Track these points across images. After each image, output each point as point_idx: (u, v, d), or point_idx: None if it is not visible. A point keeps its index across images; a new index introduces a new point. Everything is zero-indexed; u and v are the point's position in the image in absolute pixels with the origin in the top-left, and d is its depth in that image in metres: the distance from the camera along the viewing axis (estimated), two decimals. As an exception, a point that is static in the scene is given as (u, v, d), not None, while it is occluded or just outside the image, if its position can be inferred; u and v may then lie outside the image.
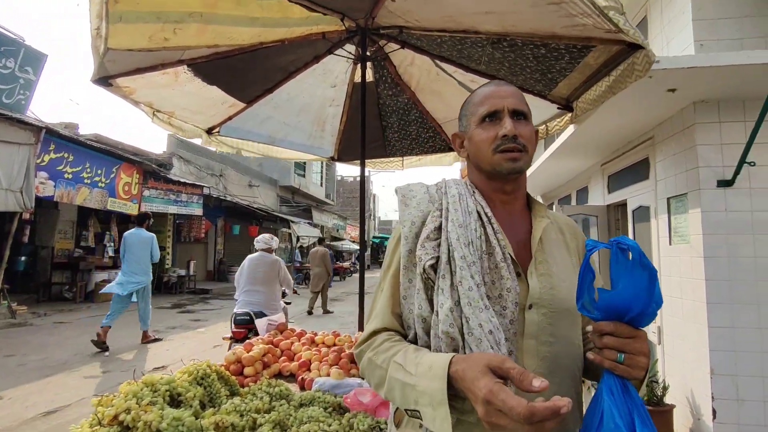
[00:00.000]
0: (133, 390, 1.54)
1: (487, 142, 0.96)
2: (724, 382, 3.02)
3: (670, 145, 3.61)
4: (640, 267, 0.72)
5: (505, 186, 0.98)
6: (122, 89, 2.50)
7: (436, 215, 0.94)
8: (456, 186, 0.99)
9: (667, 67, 2.70)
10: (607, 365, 0.77)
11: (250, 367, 2.23)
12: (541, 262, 0.94)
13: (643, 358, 0.75)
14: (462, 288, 0.84)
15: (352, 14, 2.42)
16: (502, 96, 0.98)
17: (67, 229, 11.47)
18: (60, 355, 5.98)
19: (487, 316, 0.82)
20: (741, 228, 3.11)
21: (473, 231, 0.90)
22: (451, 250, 0.88)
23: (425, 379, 0.76)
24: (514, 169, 0.94)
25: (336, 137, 3.91)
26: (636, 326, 0.76)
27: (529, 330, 0.88)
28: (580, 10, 1.70)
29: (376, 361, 0.89)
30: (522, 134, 0.95)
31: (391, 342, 0.90)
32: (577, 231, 1.08)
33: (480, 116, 0.98)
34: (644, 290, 0.72)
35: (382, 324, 0.94)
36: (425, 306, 0.88)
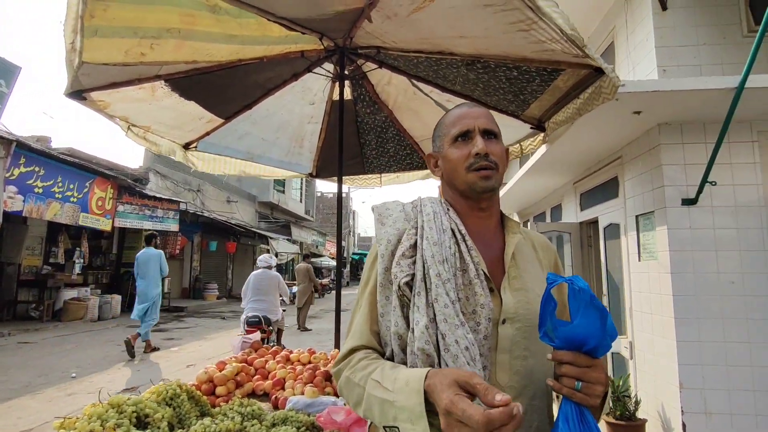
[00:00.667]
0: (97, 412, 1.49)
1: (461, 161, 0.99)
2: (693, 396, 3.10)
3: (637, 164, 3.75)
4: (592, 308, 0.76)
5: (480, 204, 1.01)
6: (97, 103, 2.46)
7: (411, 233, 0.96)
8: (431, 204, 1.01)
9: (632, 90, 2.83)
10: (565, 393, 0.79)
11: (223, 387, 2.18)
12: (514, 277, 0.96)
13: (599, 387, 0.79)
14: (437, 305, 0.86)
15: (331, 34, 2.47)
16: (473, 117, 1.02)
17: (36, 245, 11.06)
18: (23, 377, 5.70)
19: (463, 333, 0.84)
20: (705, 245, 3.24)
21: (447, 248, 0.92)
22: (426, 268, 0.89)
23: (403, 395, 0.76)
24: (487, 187, 0.98)
25: (314, 154, 3.92)
26: (593, 356, 0.79)
27: (503, 345, 0.90)
28: (548, 36, 1.78)
29: (353, 379, 0.89)
30: (493, 152, 0.98)
31: (368, 360, 0.90)
32: (550, 247, 1.11)
33: (453, 136, 1.02)
34: (598, 328, 0.77)
35: (360, 342, 0.95)
36: (401, 323, 0.89)
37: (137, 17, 1.91)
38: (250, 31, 2.25)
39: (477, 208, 1.02)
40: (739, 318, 3.14)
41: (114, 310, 11.66)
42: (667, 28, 3.85)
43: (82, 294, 11.18)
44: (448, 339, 0.83)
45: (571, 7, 4.58)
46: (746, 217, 3.25)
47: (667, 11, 3.92)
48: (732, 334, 3.13)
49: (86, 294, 11.29)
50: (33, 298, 10.62)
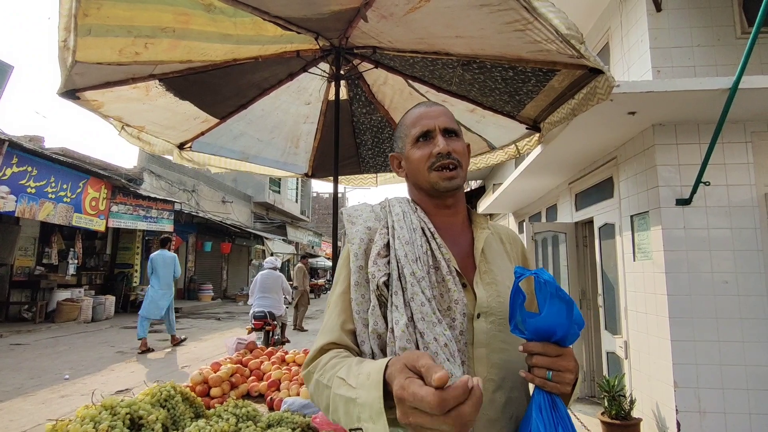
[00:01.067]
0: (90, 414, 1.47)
1: (423, 161, 1.00)
2: (687, 395, 3.12)
3: (632, 165, 3.77)
4: (558, 299, 0.78)
5: (445, 201, 1.02)
6: (90, 103, 2.45)
7: (383, 233, 0.96)
8: (399, 204, 1.02)
9: (627, 91, 2.85)
10: (537, 383, 0.80)
11: (217, 388, 2.17)
12: (485, 272, 0.97)
13: (569, 374, 0.80)
14: (414, 303, 0.86)
15: (327, 34, 2.46)
16: (432, 116, 1.02)
17: (28, 246, 10.96)
18: (15, 379, 5.65)
19: (441, 330, 0.84)
20: (699, 245, 3.26)
21: (419, 247, 0.93)
22: (401, 267, 0.89)
23: (364, 390, 0.70)
24: (450, 186, 0.98)
25: (310, 154, 3.91)
26: (562, 345, 0.80)
27: (479, 339, 0.90)
28: (544, 37, 1.79)
29: (322, 381, 0.84)
30: (455, 150, 0.99)
31: (337, 358, 0.86)
32: (517, 239, 1.13)
33: (414, 137, 1.02)
34: (564, 318, 0.78)
35: (331, 339, 0.91)
36: (380, 322, 0.88)
37: (131, 16, 1.90)
38: (245, 30, 2.24)
39: (443, 205, 1.02)
40: (733, 317, 3.16)
41: (108, 311, 11.57)
42: (661, 29, 3.88)
43: (75, 295, 11.08)
44: (426, 337, 0.83)
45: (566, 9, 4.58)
46: (740, 217, 3.28)
47: (662, 12, 3.94)
48: (726, 334, 3.15)
49: (80, 295, 11.19)
50: (26, 299, 10.52)
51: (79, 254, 11.38)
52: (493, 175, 10.05)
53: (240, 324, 11.36)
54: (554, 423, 0.78)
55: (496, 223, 1.13)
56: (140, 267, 13.63)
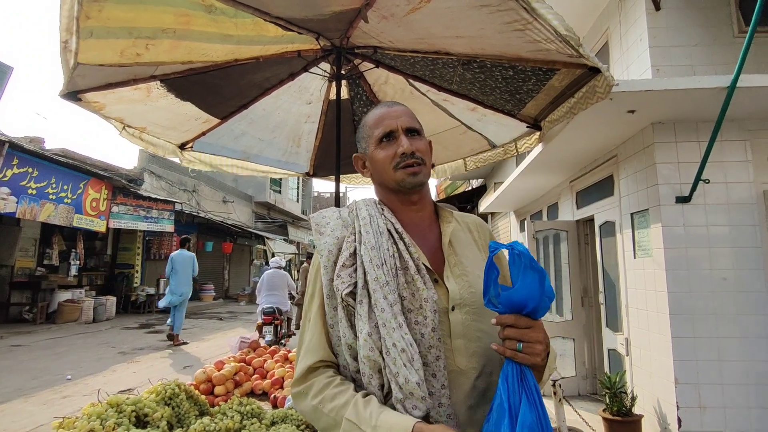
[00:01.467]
0: (96, 411, 1.49)
1: (388, 161, 1.01)
2: (688, 391, 3.13)
3: (632, 163, 3.79)
4: (531, 270, 0.81)
5: (411, 198, 1.04)
6: (92, 104, 2.46)
7: (350, 240, 0.97)
8: (366, 207, 1.04)
9: (626, 90, 2.86)
10: (508, 354, 0.83)
11: (221, 386, 2.18)
12: (455, 264, 0.99)
13: (539, 345, 0.82)
14: (377, 310, 0.88)
15: (327, 34, 2.47)
16: (394, 116, 1.04)
17: (29, 247, 10.97)
18: (15, 380, 5.66)
19: (400, 335, 0.86)
20: (698, 242, 3.27)
21: (386, 250, 0.94)
22: (366, 274, 0.91)
23: None
24: (416, 182, 1.00)
25: (311, 153, 3.92)
26: (533, 318, 0.83)
27: (456, 330, 0.93)
28: (543, 36, 1.80)
29: (322, 410, 0.88)
30: (418, 149, 1.01)
31: (334, 387, 0.89)
32: (484, 227, 1.15)
33: (377, 138, 1.04)
34: (537, 288, 0.81)
35: (318, 357, 0.94)
36: (348, 333, 0.91)
37: (132, 17, 1.91)
38: (246, 31, 2.25)
39: (409, 202, 1.04)
40: (732, 314, 3.18)
41: (109, 312, 11.58)
42: (660, 28, 3.89)
43: (76, 296, 11.08)
44: (387, 343, 0.86)
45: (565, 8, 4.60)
46: (739, 215, 3.29)
47: (661, 12, 3.95)
48: (725, 330, 3.17)
49: (81, 296, 11.20)
50: (26, 300, 10.53)
51: (80, 255, 11.40)
52: (494, 174, 10.06)
53: (242, 323, 11.37)
54: (519, 391, 0.80)
55: (463, 213, 1.15)
56: (141, 267, 13.64)
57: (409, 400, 0.83)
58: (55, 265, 11.10)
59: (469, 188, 12.63)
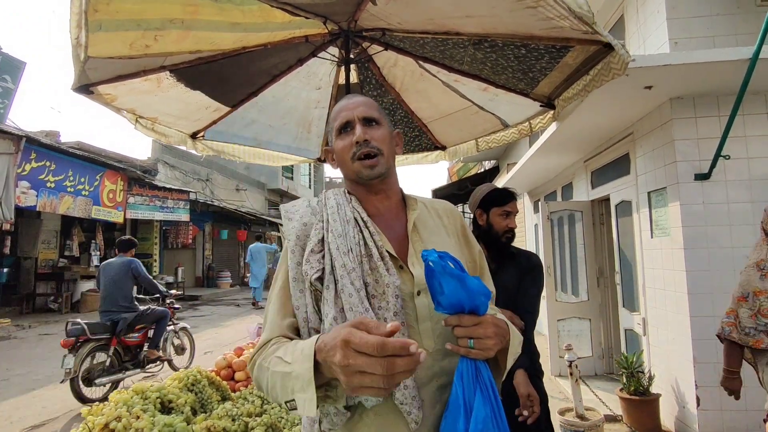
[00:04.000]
0: (123, 398, 1.54)
1: (345, 151, 1.03)
2: (707, 370, 3.11)
3: (649, 140, 3.70)
4: (448, 276, 0.83)
5: (373, 188, 1.05)
6: (104, 97, 2.48)
7: (318, 227, 1.00)
8: (334, 197, 1.06)
9: (643, 65, 2.77)
10: (462, 352, 0.85)
11: (241, 372, 2.24)
12: (419, 250, 1.00)
13: (489, 341, 0.84)
14: (344, 295, 0.90)
15: (335, 17, 2.44)
16: (351, 108, 1.05)
17: (51, 239, 11.26)
18: (46, 368, 5.87)
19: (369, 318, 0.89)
20: (718, 219, 3.20)
21: (352, 238, 0.96)
22: (333, 260, 0.94)
23: (297, 364, 0.76)
24: (371, 175, 1.01)
25: (322, 138, 3.91)
26: (477, 314, 0.85)
27: (422, 314, 0.95)
28: (556, 13, 1.75)
29: (264, 364, 0.88)
30: (374, 137, 1.02)
31: (279, 343, 0.90)
32: (454, 212, 1.16)
33: (336, 129, 1.06)
34: (461, 291, 0.83)
35: (274, 334, 0.96)
36: (314, 318, 0.94)
37: (140, 9, 1.91)
38: (253, 18, 2.23)
39: (373, 191, 1.06)
40: (754, 292, 3.12)
41: (130, 300, 11.88)
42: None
43: (98, 285, 11.39)
44: None
45: (578, -20, 4.45)
46: (761, 190, 3.20)
47: (679, -20, 3.80)
48: (746, 309, 3.11)
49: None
50: (51, 291, 10.86)
51: (100, 246, 11.66)
52: (507, 155, 9.93)
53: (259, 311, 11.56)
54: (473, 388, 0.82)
55: (432, 200, 1.16)
56: (159, 257, 13.91)
57: None
58: (76, 256, 11.38)
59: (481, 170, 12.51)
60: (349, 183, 1.09)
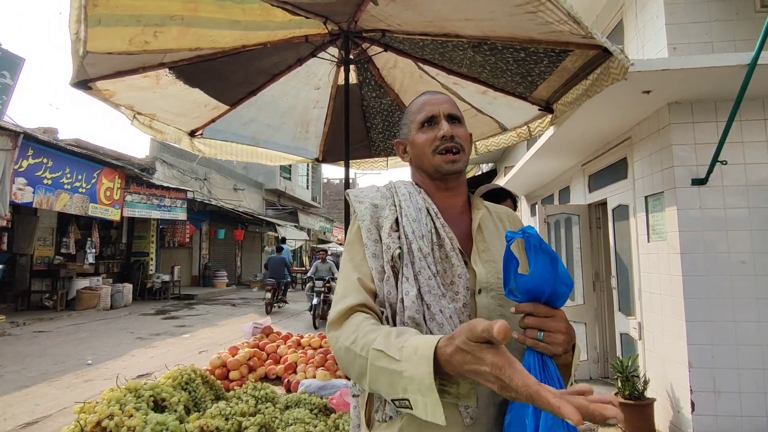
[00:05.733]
0: (116, 396, 1.53)
1: (427, 144, 1.04)
2: (702, 375, 3.11)
3: (646, 145, 3.71)
4: (541, 252, 0.79)
5: (447, 184, 1.07)
6: (102, 92, 2.47)
7: (392, 209, 1.02)
8: (404, 186, 1.07)
9: (641, 69, 2.78)
10: (529, 343, 0.81)
11: (236, 371, 2.22)
12: (483, 250, 1.02)
13: (560, 335, 0.80)
14: (422, 277, 0.92)
15: (335, 18, 2.44)
16: (437, 103, 1.07)
17: (47, 236, 11.20)
18: (40, 365, 5.84)
19: (446, 303, 0.91)
20: (715, 225, 3.21)
21: (424, 225, 0.98)
22: (409, 243, 0.96)
23: (411, 364, 0.72)
24: (452, 170, 1.03)
25: (321, 139, 3.91)
26: (553, 307, 0.81)
27: (481, 313, 0.95)
28: (556, 18, 1.75)
29: (354, 349, 0.83)
30: (458, 135, 1.04)
31: (368, 325, 0.86)
32: (515, 218, 1.16)
33: (419, 122, 1.07)
34: (549, 272, 0.79)
35: (357, 300, 0.92)
36: (393, 292, 0.94)
37: (140, 5, 1.90)
38: (254, 16, 2.23)
39: (444, 188, 1.07)
40: (750, 297, 3.13)
41: (126, 299, 11.84)
42: (677, 4, 3.75)
43: (94, 283, 11.34)
44: (433, 308, 0.89)
45: (578, -15, 4.47)
46: (758, 196, 3.21)
47: (678, -14, 3.81)
48: (742, 314, 3.12)
49: (98, 283, 11.45)
50: (46, 288, 10.80)
51: (96, 243, 11.60)
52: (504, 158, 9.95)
53: (255, 309, 11.54)
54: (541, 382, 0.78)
55: (495, 205, 1.17)
56: (156, 255, 13.86)
57: None
58: (72, 253, 11.33)
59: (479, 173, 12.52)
60: (421, 177, 1.10)
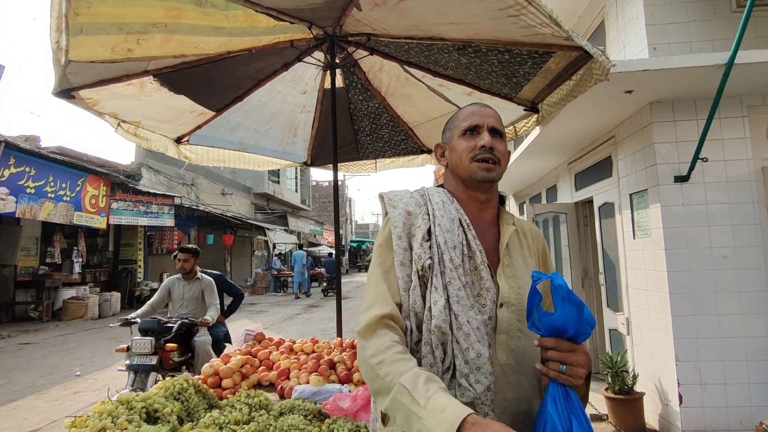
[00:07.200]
0: (107, 409, 1.51)
1: (467, 151, 1.07)
2: (689, 368, 3.17)
3: (630, 143, 3.77)
4: (570, 302, 0.84)
5: (479, 195, 1.08)
6: (85, 101, 2.44)
7: (425, 218, 1.03)
8: (438, 194, 1.09)
9: (623, 70, 2.84)
10: (552, 375, 0.86)
11: (229, 379, 2.21)
12: (508, 265, 1.04)
13: (581, 369, 0.85)
14: (452, 288, 0.95)
15: (320, 23, 2.45)
16: (483, 115, 1.10)
17: (31, 246, 10.98)
18: (26, 377, 5.73)
19: (474, 314, 0.94)
20: (697, 220, 3.28)
21: (457, 236, 1.00)
22: (440, 253, 0.98)
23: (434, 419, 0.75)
24: (487, 177, 1.04)
25: (308, 142, 3.91)
26: (575, 342, 0.86)
27: (501, 326, 0.98)
28: (538, 21, 1.78)
29: (378, 372, 0.88)
30: (498, 148, 1.06)
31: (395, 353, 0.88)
32: (539, 235, 1.18)
33: (463, 129, 1.09)
34: (575, 319, 0.84)
35: (386, 309, 0.94)
36: (419, 301, 0.96)
37: (121, 13, 1.89)
38: (238, 22, 2.22)
39: (476, 199, 1.08)
40: (732, 291, 3.20)
41: (114, 308, 11.65)
42: (657, 5, 3.83)
43: (81, 293, 11.14)
44: (461, 319, 0.93)
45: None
46: (738, 192, 3.29)
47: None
48: (725, 307, 3.19)
49: (85, 292, 11.26)
50: (31, 299, 10.58)
51: (82, 252, 11.41)
52: (491, 158, 10.01)
53: (246, 315, 11.45)
54: (568, 413, 0.84)
55: (521, 219, 1.19)
56: (143, 263, 13.67)
57: (474, 375, 0.90)
58: (58, 263, 11.12)
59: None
60: (455, 183, 1.11)
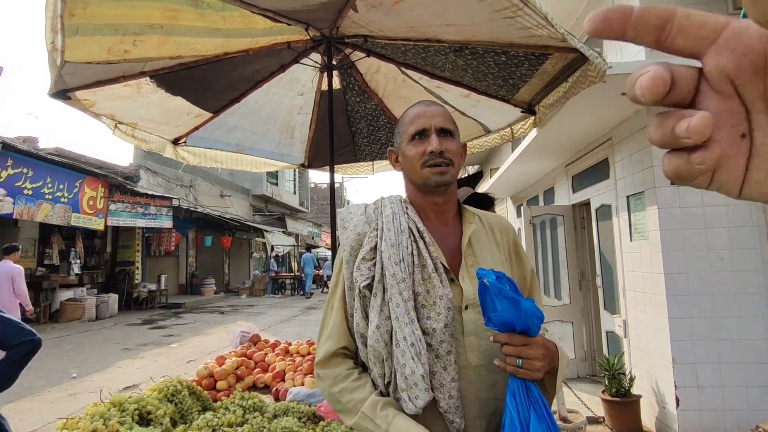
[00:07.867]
0: (99, 411, 1.50)
1: (417, 158, 1.04)
2: (685, 371, 3.17)
3: (627, 145, 3.78)
4: (503, 298, 0.85)
5: (437, 198, 1.06)
6: (82, 102, 2.44)
7: (372, 236, 1.03)
8: (390, 205, 1.07)
9: (619, 72, 2.83)
10: (509, 370, 0.88)
11: (223, 381, 2.20)
12: (471, 265, 1.02)
13: (537, 362, 0.87)
14: (392, 304, 0.94)
15: (317, 24, 2.45)
16: (429, 116, 1.06)
17: (29, 247, 10.94)
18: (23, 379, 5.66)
19: (411, 330, 0.93)
20: (694, 223, 3.28)
21: (405, 248, 0.98)
22: (384, 269, 0.97)
23: None
24: (441, 181, 1.02)
25: (306, 144, 3.91)
26: (528, 335, 0.87)
27: (468, 328, 0.97)
28: (534, 23, 1.78)
29: (340, 399, 0.96)
30: (448, 149, 1.03)
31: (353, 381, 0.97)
32: (508, 227, 1.17)
33: (410, 134, 1.06)
34: (514, 313, 0.85)
35: (339, 344, 1.01)
36: (362, 323, 0.98)
37: (118, 14, 1.89)
38: (235, 24, 2.22)
39: (434, 202, 1.07)
40: (729, 293, 3.20)
41: (111, 309, 11.62)
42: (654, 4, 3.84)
43: (78, 294, 11.11)
44: (397, 335, 0.93)
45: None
46: (735, 194, 3.29)
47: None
48: (722, 309, 3.19)
49: (83, 294, 11.23)
50: (29, 300, 10.55)
51: (80, 254, 11.38)
52: (489, 160, 10.03)
53: (243, 317, 11.43)
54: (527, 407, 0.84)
55: (489, 213, 1.17)
56: (141, 264, 13.64)
57: (413, 390, 0.90)
58: (56, 264, 11.09)
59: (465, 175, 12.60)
60: (411, 189, 1.11)
